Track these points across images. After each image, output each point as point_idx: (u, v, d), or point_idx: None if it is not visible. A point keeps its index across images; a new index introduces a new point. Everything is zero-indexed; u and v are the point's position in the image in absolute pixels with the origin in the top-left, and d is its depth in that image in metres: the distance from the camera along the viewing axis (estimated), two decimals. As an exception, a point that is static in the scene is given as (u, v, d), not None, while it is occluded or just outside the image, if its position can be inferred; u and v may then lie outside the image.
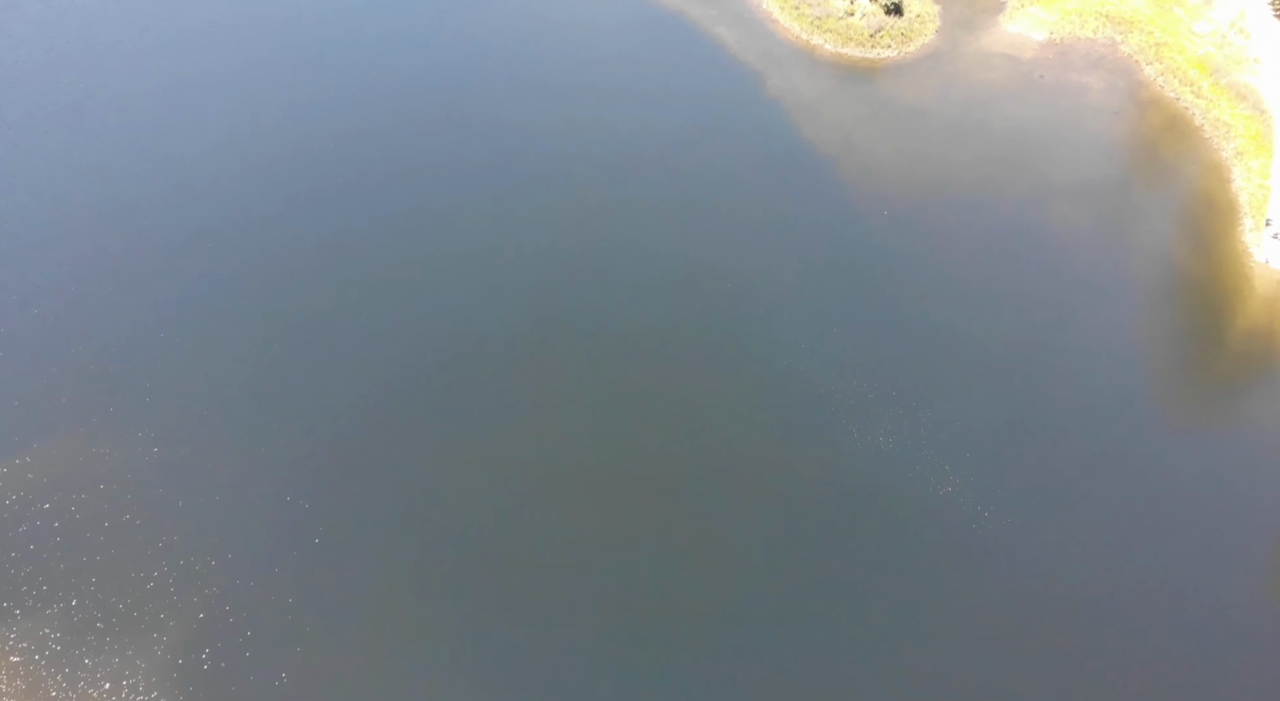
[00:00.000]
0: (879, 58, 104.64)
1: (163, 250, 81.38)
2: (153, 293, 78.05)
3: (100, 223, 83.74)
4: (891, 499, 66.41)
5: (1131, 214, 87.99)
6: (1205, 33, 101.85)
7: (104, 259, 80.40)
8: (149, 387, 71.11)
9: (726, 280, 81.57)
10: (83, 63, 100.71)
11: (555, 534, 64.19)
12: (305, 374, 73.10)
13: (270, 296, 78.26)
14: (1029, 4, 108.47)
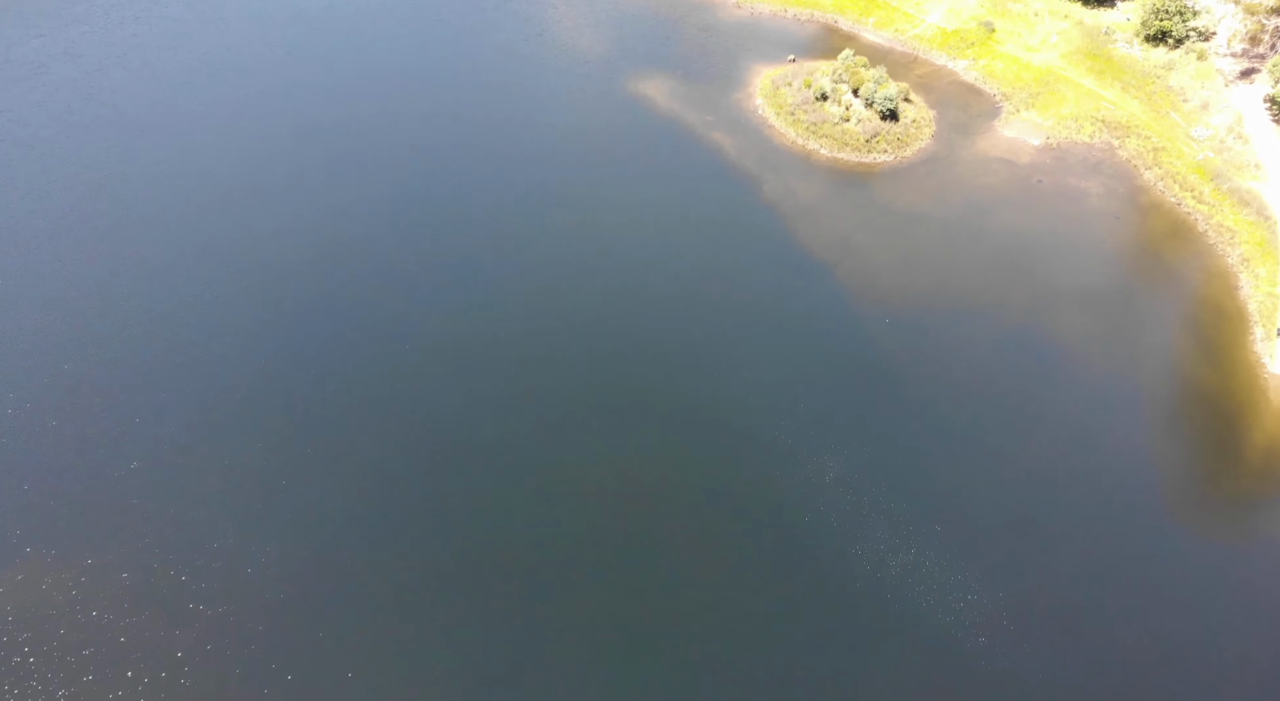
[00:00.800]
0: (875, 162, 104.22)
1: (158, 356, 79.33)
2: (132, 407, 75.63)
3: (76, 329, 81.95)
4: (895, 612, 62.79)
5: (1137, 322, 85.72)
6: (1203, 137, 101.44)
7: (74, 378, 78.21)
8: (122, 510, 67.91)
9: (724, 387, 79.23)
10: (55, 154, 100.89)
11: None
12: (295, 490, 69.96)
13: (262, 408, 75.72)
14: (1024, 109, 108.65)
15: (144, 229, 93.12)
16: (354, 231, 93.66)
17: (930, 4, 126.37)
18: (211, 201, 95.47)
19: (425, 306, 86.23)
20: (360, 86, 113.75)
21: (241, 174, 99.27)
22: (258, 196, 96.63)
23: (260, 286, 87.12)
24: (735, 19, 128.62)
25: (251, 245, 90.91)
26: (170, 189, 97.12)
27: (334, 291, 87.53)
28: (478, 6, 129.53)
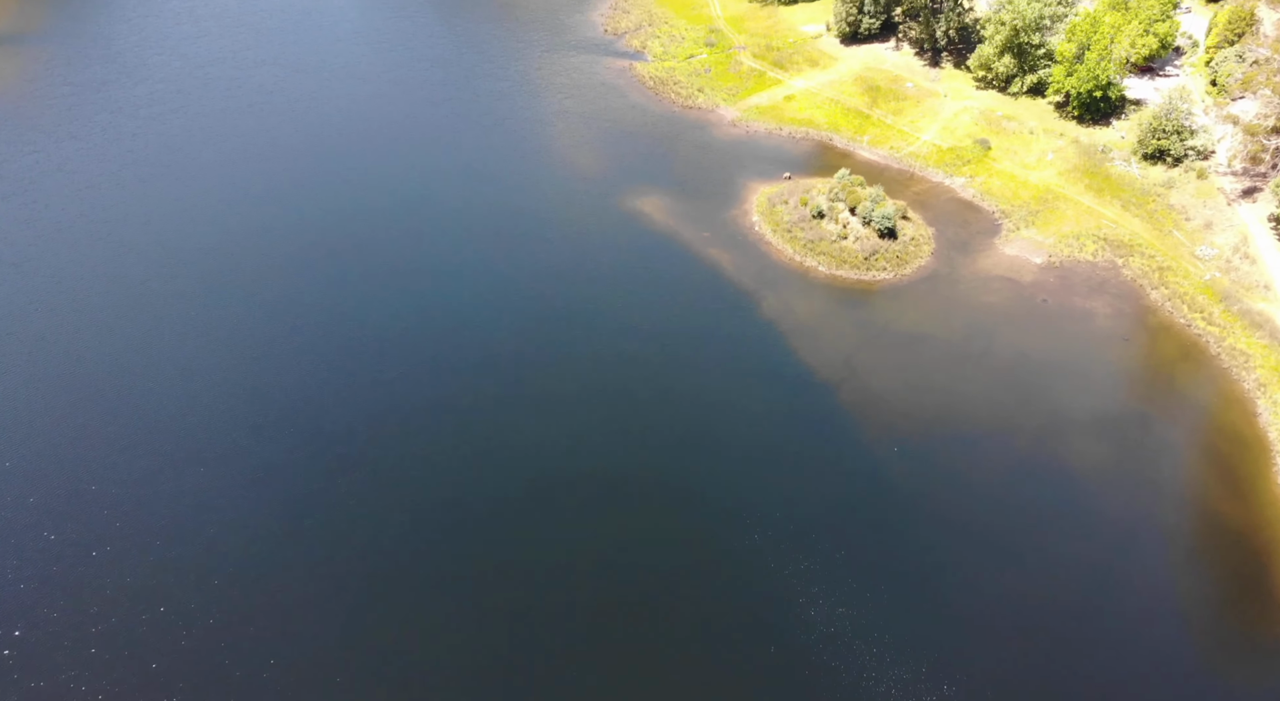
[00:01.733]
0: (875, 280, 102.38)
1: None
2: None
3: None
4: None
5: (1153, 451, 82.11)
6: (1208, 257, 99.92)
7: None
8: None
9: (727, 518, 75.21)
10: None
11: None
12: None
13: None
14: (1024, 227, 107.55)
15: (129, 353, 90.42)
16: (354, 345, 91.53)
17: (924, 122, 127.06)
18: (203, 326, 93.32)
19: (424, 414, 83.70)
20: (358, 202, 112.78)
21: (236, 296, 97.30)
22: (251, 320, 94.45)
23: (257, 414, 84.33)
24: (731, 137, 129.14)
25: (246, 374, 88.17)
26: (158, 312, 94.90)
27: (332, 399, 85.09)
28: (476, 125, 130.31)
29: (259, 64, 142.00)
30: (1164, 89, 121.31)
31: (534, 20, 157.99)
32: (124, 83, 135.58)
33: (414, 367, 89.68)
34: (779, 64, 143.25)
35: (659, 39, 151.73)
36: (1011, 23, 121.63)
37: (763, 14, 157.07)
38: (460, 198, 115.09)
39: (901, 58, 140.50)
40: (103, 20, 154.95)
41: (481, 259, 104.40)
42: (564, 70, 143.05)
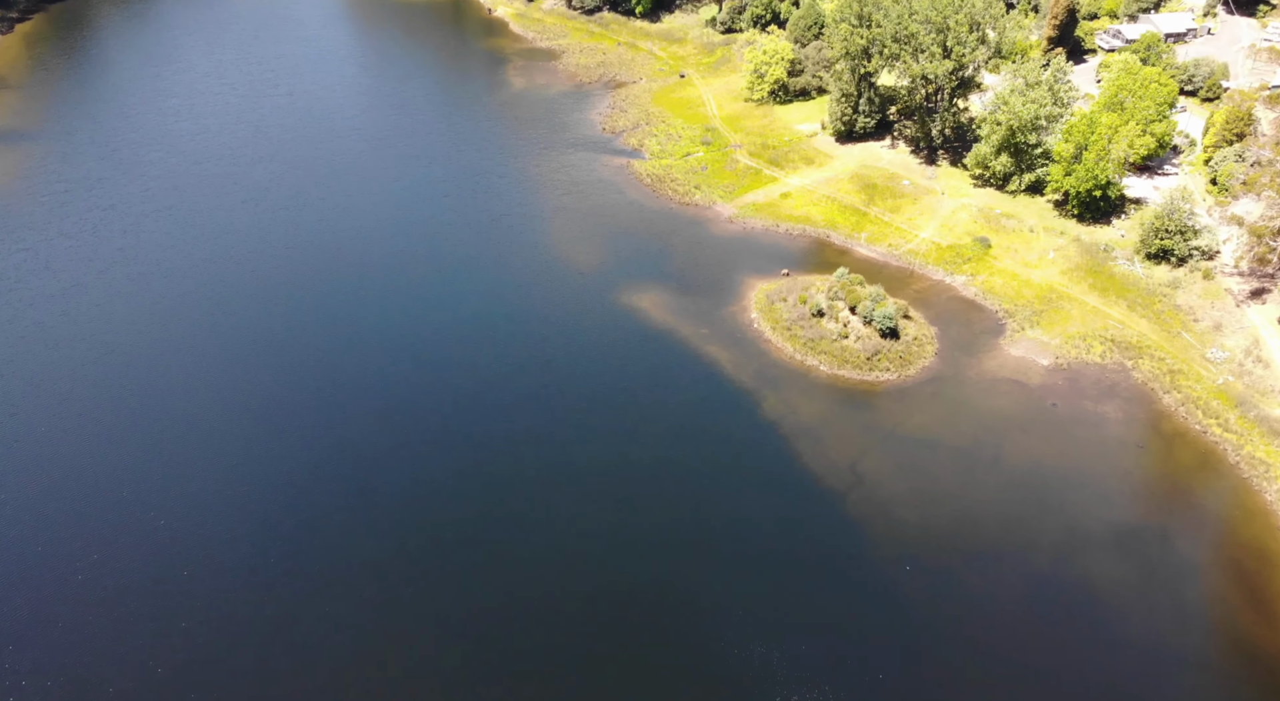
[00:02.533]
0: (878, 381, 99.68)
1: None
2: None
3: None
4: None
5: (1176, 569, 77.94)
6: (1220, 360, 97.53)
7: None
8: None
9: (729, 644, 70.66)
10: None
11: None
12: None
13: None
14: (1029, 327, 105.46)
15: (109, 458, 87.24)
16: (341, 449, 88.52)
17: (922, 220, 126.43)
18: (187, 435, 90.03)
19: (413, 528, 79.87)
20: (351, 299, 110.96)
21: (225, 402, 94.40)
22: (242, 426, 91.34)
23: (241, 526, 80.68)
24: (728, 233, 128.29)
25: (236, 483, 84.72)
26: (138, 420, 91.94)
27: (322, 513, 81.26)
28: (473, 221, 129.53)
29: (257, 160, 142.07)
30: (1163, 188, 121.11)
31: (533, 118, 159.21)
32: (119, 179, 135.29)
33: (401, 475, 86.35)
34: (775, 162, 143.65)
35: (656, 137, 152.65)
36: (1007, 123, 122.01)
37: (758, 113, 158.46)
38: (455, 295, 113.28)
39: (897, 155, 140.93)
40: (102, 117, 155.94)
41: (475, 359, 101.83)
42: (562, 167, 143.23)
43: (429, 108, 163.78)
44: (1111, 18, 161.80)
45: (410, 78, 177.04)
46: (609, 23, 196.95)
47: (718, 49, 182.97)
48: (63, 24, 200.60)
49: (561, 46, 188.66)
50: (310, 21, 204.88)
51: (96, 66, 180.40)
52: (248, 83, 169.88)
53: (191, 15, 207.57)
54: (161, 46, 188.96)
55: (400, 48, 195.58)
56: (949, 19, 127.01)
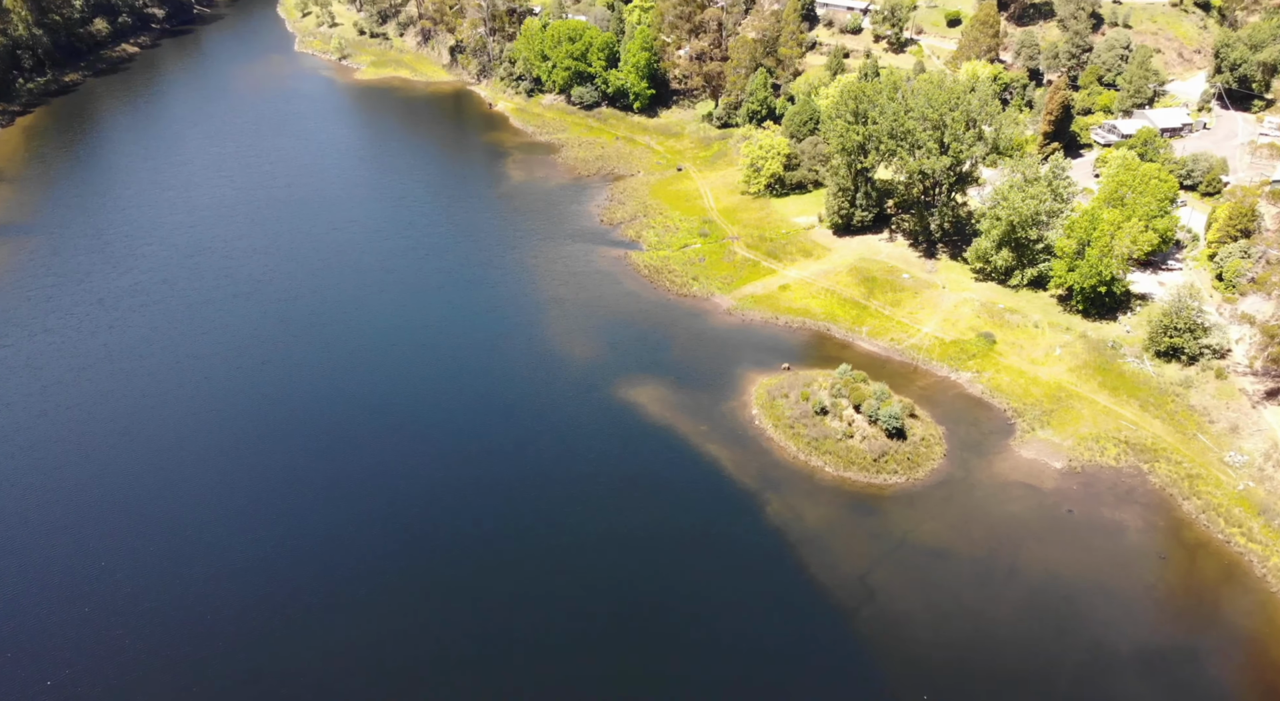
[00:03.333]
0: (886, 484, 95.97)
1: None
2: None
3: None
4: None
5: (1206, 693, 73.13)
6: (1239, 464, 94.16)
7: None
8: None
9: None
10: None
11: None
12: None
13: None
14: (1039, 427, 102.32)
15: (78, 562, 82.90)
16: (328, 554, 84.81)
17: (924, 314, 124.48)
18: (165, 548, 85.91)
19: (405, 636, 75.20)
20: (342, 395, 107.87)
21: (205, 510, 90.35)
22: (222, 538, 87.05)
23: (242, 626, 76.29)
24: (727, 326, 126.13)
25: (220, 597, 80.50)
26: (113, 531, 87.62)
27: (313, 614, 77.05)
28: (468, 312, 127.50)
29: (251, 253, 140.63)
30: (1168, 283, 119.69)
31: (532, 210, 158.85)
32: (109, 273, 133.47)
33: (389, 581, 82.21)
34: (773, 254, 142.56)
35: (654, 229, 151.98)
36: (1007, 218, 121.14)
37: (754, 206, 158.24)
38: (449, 390, 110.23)
39: (896, 249, 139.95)
40: (96, 209, 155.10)
41: (467, 459, 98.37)
42: (559, 258, 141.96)
43: (428, 200, 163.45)
44: (1106, 113, 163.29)
45: (410, 170, 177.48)
46: (607, 117, 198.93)
47: (714, 143, 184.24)
48: (64, 117, 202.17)
49: (561, 140, 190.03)
50: (311, 115, 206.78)
51: (94, 159, 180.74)
52: (246, 175, 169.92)
53: (194, 109, 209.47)
54: (162, 140, 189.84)
55: (401, 141, 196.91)
56: (945, 116, 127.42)
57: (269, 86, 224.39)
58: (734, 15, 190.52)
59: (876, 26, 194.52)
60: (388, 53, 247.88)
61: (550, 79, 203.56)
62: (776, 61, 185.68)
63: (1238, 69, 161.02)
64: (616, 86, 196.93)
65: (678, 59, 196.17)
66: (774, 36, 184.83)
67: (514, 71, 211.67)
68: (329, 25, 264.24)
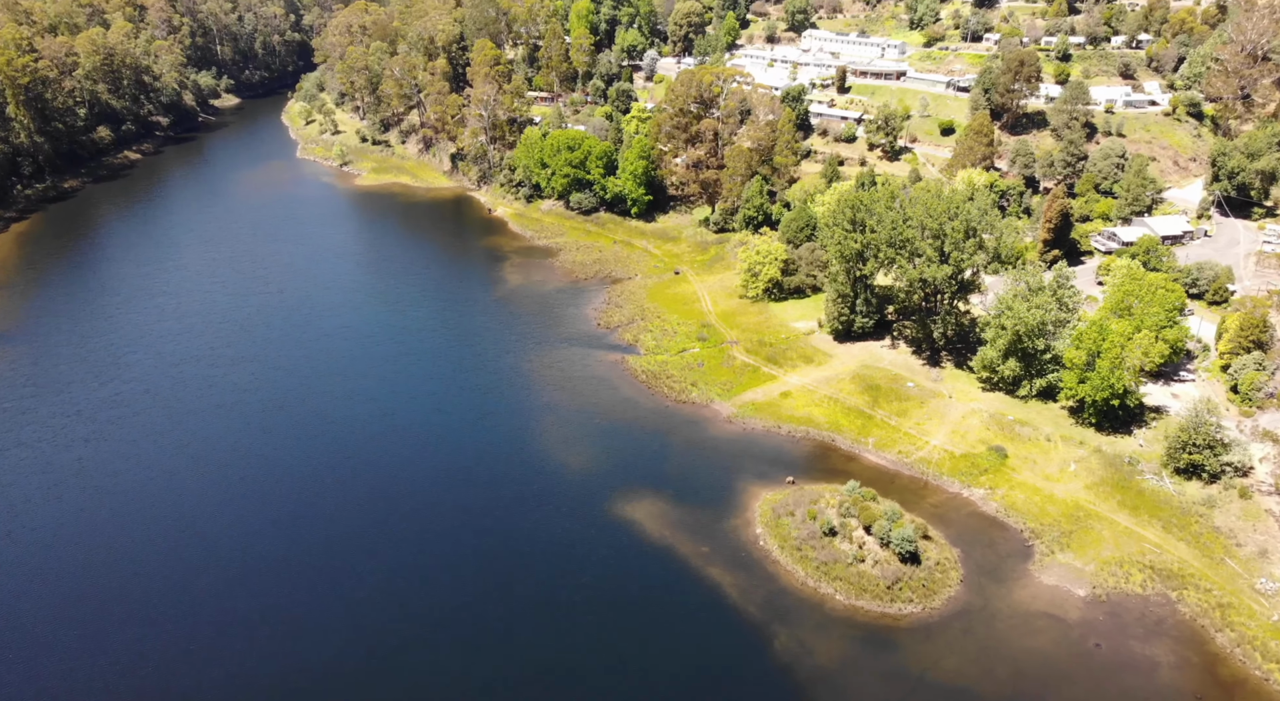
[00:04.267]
0: (901, 614, 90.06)
1: None
2: None
3: None
4: None
5: None
6: (1271, 592, 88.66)
7: None
8: None
9: None
10: None
11: None
12: None
13: None
14: (1059, 550, 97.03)
15: None
16: (331, 680, 79.12)
17: (931, 425, 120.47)
18: (131, 681, 80.00)
19: None
20: (324, 514, 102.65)
21: (179, 640, 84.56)
22: (199, 669, 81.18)
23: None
24: (728, 434, 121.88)
25: None
26: (73, 656, 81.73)
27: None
28: (460, 420, 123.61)
29: (238, 361, 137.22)
30: (1182, 394, 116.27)
31: (528, 314, 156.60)
32: (90, 383, 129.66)
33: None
34: (773, 360, 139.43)
35: (651, 333, 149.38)
36: (1013, 328, 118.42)
37: (753, 310, 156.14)
38: (434, 508, 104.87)
39: (899, 356, 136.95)
40: (82, 317, 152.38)
41: (457, 584, 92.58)
42: (555, 363, 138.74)
43: (423, 304, 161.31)
44: (1105, 220, 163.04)
45: (406, 274, 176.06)
46: (605, 222, 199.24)
47: (711, 247, 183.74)
48: (60, 223, 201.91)
49: (558, 244, 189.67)
50: (309, 219, 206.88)
51: (86, 265, 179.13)
52: (239, 280, 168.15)
53: (191, 215, 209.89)
54: (156, 245, 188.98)
55: (399, 245, 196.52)
56: (944, 225, 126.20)
57: (268, 192, 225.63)
58: (729, 126, 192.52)
59: (871, 135, 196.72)
60: (389, 159, 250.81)
61: (549, 185, 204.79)
62: (772, 169, 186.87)
63: (1236, 177, 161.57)
64: (614, 192, 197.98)
65: (675, 166, 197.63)
66: (769, 146, 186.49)
67: (514, 178, 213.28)
68: (332, 133, 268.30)
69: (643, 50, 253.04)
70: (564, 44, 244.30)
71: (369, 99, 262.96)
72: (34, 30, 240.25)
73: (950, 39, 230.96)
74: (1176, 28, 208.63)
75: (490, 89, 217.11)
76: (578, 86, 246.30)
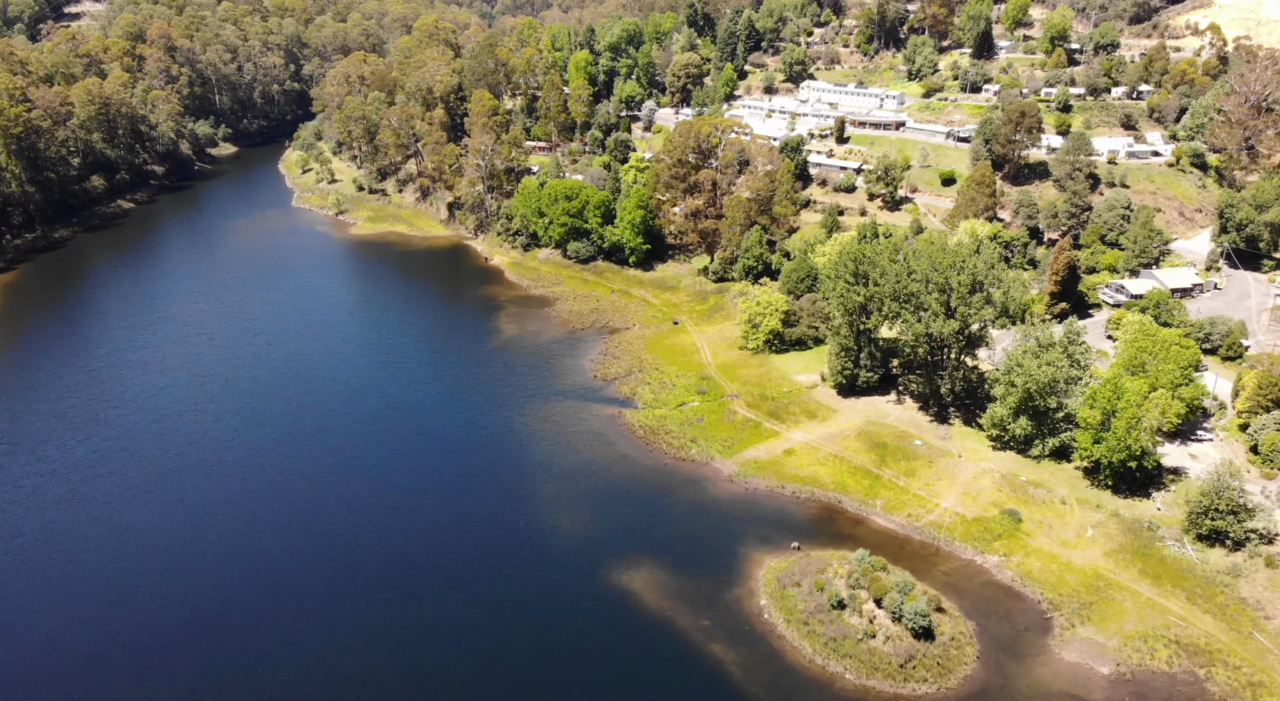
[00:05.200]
0: (915, 695, 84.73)
1: None
2: None
3: None
4: None
5: None
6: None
7: None
8: None
9: None
10: None
11: None
12: None
13: None
14: (1079, 623, 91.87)
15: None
16: None
17: (941, 486, 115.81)
18: None
19: None
20: (302, 579, 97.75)
21: None
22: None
23: None
24: (729, 494, 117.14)
25: None
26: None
27: None
28: (448, 479, 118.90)
29: (221, 417, 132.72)
30: (1200, 455, 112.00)
31: (523, 365, 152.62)
32: (67, 440, 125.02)
33: None
34: (775, 415, 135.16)
35: (649, 385, 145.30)
36: (1023, 386, 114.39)
37: (754, 362, 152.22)
38: (419, 577, 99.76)
39: (905, 412, 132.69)
40: (64, 371, 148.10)
41: (440, 667, 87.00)
42: (550, 417, 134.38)
43: (415, 356, 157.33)
44: (1111, 272, 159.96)
45: (399, 325, 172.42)
46: (603, 271, 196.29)
47: (710, 297, 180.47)
48: (48, 274, 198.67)
49: (555, 294, 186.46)
50: (302, 269, 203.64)
51: (71, 318, 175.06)
52: (227, 332, 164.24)
53: (181, 264, 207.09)
54: (144, 296, 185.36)
55: (392, 295, 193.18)
56: (950, 278, 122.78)
57: (262, 241, 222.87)
58: (728, 176, 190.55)
59: (870, 185, 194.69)
60: (385, 208, 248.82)
61: (547, 234, 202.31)
62: (771, 219, 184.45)
63: (1244, 229, 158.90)
64: (612, 241, 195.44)
65: (673, 216, 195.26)
66: (768, 195, 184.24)
67: (511, 227, 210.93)
68: (328, 181, 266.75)
69: (641, 101, 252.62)
70: (562, 95, 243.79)
71: (366, 148, 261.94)
72: (28, 80, 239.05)
73: (949, 90, 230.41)
74: (1177, 78, 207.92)
75: (488, 139, 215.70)
76: (576, 136, 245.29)
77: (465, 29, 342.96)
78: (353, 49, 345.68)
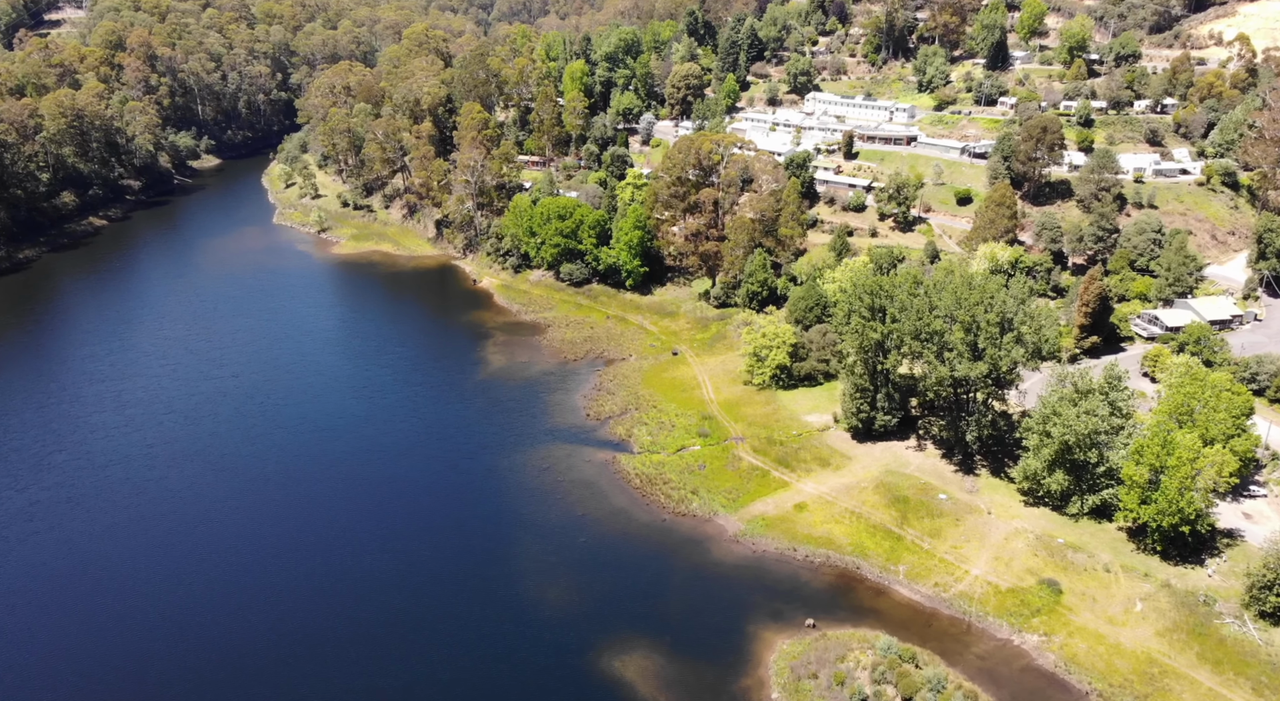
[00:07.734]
0: (950, 814, 73.21)
1: None
2: None
3: None
4: None
5: None
6: None
7: None
8: None
9: None
10: None
11: None
12: None
13: None
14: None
15: None
16: None
17: (970, 549, 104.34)
18: None
19: None
20: (259, 643, 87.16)
21: None
22: None
23: None
24: (735, 558, 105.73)
25: None
26: None
27: None
28: (424, 531, 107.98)
29: (178, 460, 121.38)
30: (1255, 515, 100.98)
31: (512, 400, 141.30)
32: (5, 490, 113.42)
33: None
34: (783, 461, 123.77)
35: (646, 426, 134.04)
36: (1060, 437, 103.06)
37: (759, 399, 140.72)
38: (378, 660, 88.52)
39: (927, 459, 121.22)
40: (9, 409, 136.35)
41: None
42: (537, 462, 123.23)
43: (394, 391, 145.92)
44: (1143, 301, 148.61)
45: (379, 355, 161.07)
46: (598, 295, 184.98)
47: (712, 324, 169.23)
48: (8, 298, 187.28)
49: (547, 319, 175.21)
50: (278, 293, 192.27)
51: (25, 346, 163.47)
52: (191, 363, 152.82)
53: (150, 287, 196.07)
54: (108, 323, 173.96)
55: (373, 321, 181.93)
56: (977, 317, 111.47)
57: (238, 262, 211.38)
58: (730, 194, 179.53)
59: (881, 204, 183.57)
60: (371, 225, 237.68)
61: (539, 255, 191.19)
62: (776, 241, 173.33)
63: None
64: (608, 263, 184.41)
65: (672, 237, 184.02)
66: (773, 216, 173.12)
67: (501, 246, 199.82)
68: (312, 196, 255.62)
69: (639, 113, 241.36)
70: (556, 107, 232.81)
71: (352, 162, 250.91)
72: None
73: (963, 102, 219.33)
74: (1204, 91, 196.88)
75: (478, 153, 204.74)
76: (570, 151, 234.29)
77: (459, 37, 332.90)
78: (343, 57, 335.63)
